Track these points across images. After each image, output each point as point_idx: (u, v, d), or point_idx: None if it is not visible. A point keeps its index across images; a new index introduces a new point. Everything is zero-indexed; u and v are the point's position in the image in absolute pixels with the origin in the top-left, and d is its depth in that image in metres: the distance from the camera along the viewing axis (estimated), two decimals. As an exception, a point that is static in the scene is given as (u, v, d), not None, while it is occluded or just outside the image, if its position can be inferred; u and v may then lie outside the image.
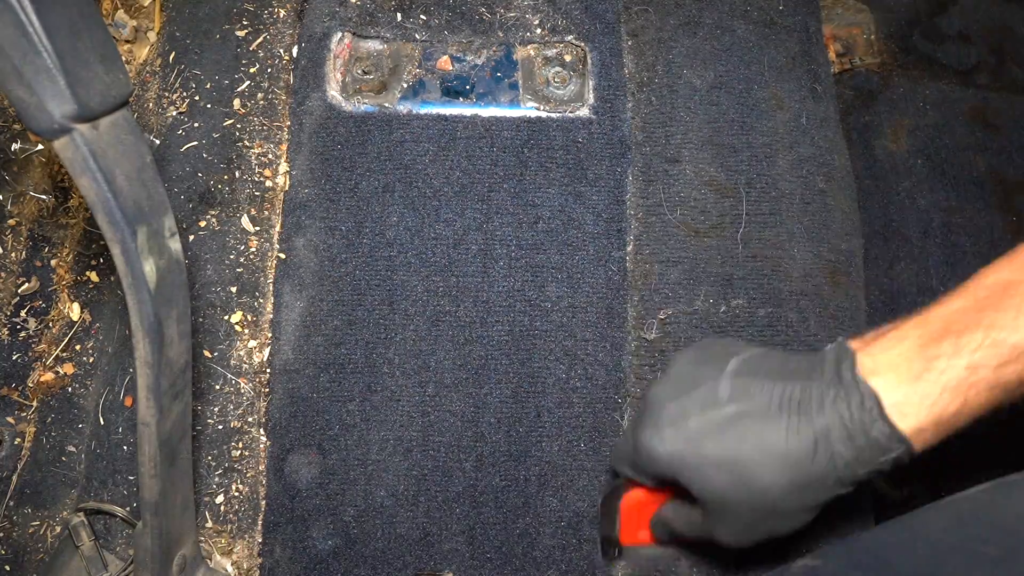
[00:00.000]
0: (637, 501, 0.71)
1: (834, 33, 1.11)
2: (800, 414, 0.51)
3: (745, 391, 0.54)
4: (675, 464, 0.56)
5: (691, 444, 0.55)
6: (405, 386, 0.84)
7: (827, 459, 0.50)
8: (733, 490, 0.53)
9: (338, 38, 0.96)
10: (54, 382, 0.86)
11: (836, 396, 0.50)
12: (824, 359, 0.53)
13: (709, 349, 0.60)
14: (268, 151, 0.92)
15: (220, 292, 0.86)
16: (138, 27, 0.99)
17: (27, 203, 0.94)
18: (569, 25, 0.97)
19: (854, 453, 0.49)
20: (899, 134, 1.05)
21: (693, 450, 0.54)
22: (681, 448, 0.55)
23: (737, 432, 0.53)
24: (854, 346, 0.52)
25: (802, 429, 0.50)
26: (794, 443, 0.50)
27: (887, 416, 0.48)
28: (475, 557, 0.80)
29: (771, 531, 0.56)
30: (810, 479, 0.51)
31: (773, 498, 0.52)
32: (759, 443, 0.52)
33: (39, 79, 0.43)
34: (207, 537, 0.79)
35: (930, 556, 0.48)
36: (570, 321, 0.86)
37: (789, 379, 0.53)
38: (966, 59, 1.11)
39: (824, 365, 0.52)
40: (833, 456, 0.50)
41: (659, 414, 0.57)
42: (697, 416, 0.55)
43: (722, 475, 0.53)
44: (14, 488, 0.83)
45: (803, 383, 0.52)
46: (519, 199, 0.90)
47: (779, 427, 0.51)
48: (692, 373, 0.58)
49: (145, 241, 0.50)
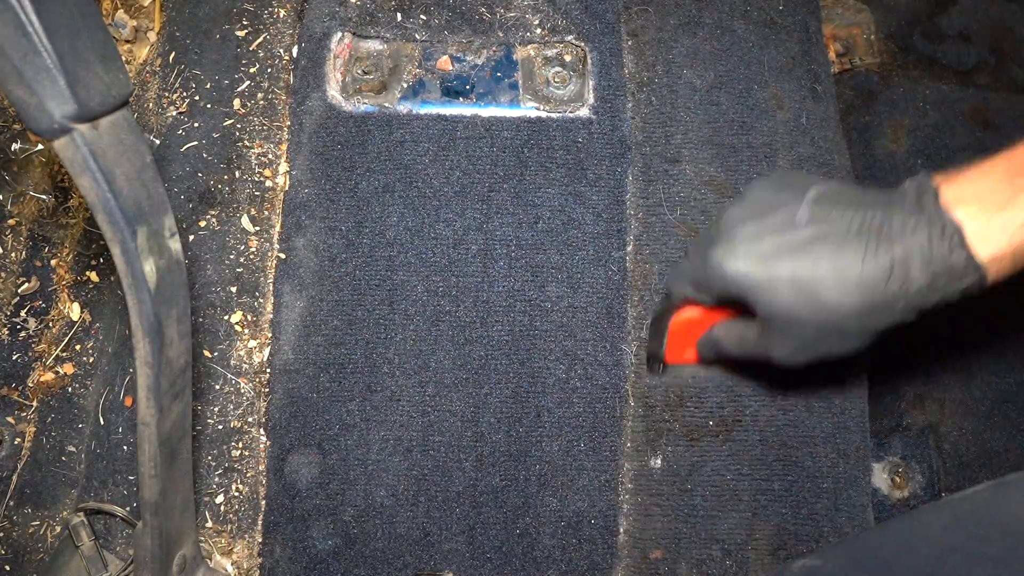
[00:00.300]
0: (688, 321, 0.73)
1: (834, 33, 1.11)
2: (879, 239, 0.51)
3: (824, 216, 0.54)
4: (746, 281, 0.56)
5: (765, 262, 0.55)
6: (405, 386, 0.84)
7: (900, 283, 0.50)
8: (802, 308, 0.53)
9: (338, 38, 0.96)
10: (54, 382, 0.86)
11: (917, 223, 0.50)
12: (905, 191, 0.53)
13: (787, 178, 0.60)
14: (268, 151, 0.92)
15: (220, 292, 0.86)
16: (138, 27, 0.99)
17: (27, 203, 0.94)
18: (569, 25, 0.97)
19: (929, 279, 0.50)
20: (899, 134, 1.05)
21: (766, 268, 0.55)
22: (754, 266, 0.55)
23: (813, 253, 0.53)
24: (937, 180, 0.52)
25: (880, 253, 0.51)
26: (870, 265, 0.51)
27: (967, 244, 0.48)
28: (475, 557, 0.80)
29: (828, 351, 0.56)
30: (880, 302, 0.51)
31: (840, 317, 0.52)
32: (835, 264, 0.52)
33: (39, 79, 0.43)
34: (207, 537, 0.79)
35: (930, 556, 0.47)
36: (570, 321, 0.86)
37: (870, 207, 0.53)
38: (966, 59, 1.11)
39: (906, 196, 0.52)
40: (907, 281, 0.50)
41: (733, 233, 0.57)
42: (773, 236, 0.55)
43: (793, 293, 0.53)
44: (14, 488, 0.83)
45: (884, 211, 0.52)
46: (519, 199, 0.90)
47: (857, 249, 0.52)
48: (770, 199, 0.58)
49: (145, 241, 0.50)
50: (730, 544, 0.80)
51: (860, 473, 0.83)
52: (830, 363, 0.58)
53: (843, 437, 0.84)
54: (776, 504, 0.82)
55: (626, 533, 0.81)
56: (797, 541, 0.81)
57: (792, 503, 0.82)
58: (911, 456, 0.92)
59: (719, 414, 0.84)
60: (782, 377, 0.82)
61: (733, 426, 0.83)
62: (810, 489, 0.82)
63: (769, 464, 0.83)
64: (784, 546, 0.81)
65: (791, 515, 0.81)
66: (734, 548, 0.80)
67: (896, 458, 0.92)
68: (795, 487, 0.82)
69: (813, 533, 0.81)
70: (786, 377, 0.80)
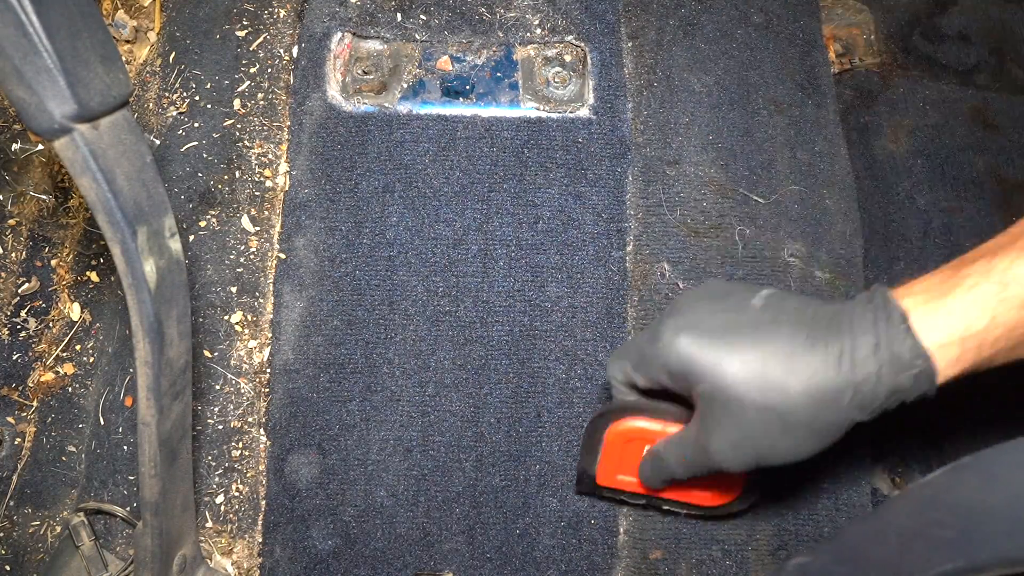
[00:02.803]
0: (626, 432, 0.65)
1: (834, 33, 1.11)
2: (829, 327, 0.51)
3: (778, 304, 0.54)
4: (693, 354, 0.54)
5: (715, 337, 0.54)
6: (405, 386, 0.84)
7: (849, 369, 0.50)
8: (746, 386, 0.52)
9: (338, 38, 0.96)
10: (54, 382, 0.86)
11: (865, 313, 0.50)
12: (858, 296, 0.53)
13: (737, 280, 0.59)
14: (268, 151, 0.92)
15: (220, 292, 0.86)
16: (138, 27, 0.99)
17: (27, 203, 0.94)
18: (569, 25, 0.97)
19: (876, 367, 0.49)
20: (899, 134, 1.05)
21: (715, 342, 0.54)
22: (703, 338, 0.54)
23: (765, 333, 0.52)
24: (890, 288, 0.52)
25: (830, 340, 0.50)
26: (820, 350, 0.50)
27: (913, 330, 0.48)
28: (475, 557, 0.80)
29: (772, 448, 0.54)
30: (829, 389, 0.50)
31: (785, 400, 0.51)
32: (784, 345, 0.51)
33: (39, 79, 0.43)
34: (207, 537, 0.79)
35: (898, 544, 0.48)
36: (570, 321, 0.86)
37: (823, 304, 0.54)
38: (966, 59, 1.11)
39: (858, 298, 0.53)
40: (855, 368, 0.49)
41: (686, 308, 0.57)
42: (727, 314, 0.55)
43: (738, 369, 0.52)
44: (14, 488, 0.83)
45: (837, 306, 0.53)
46: (519, 199, 0.90)
47: (808, 335, 0.51)
48: (726, 287, 0.58)
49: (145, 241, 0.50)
50: (730, 544, 0.80)
51: (860, 473, 0.83)
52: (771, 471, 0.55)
53: (843, 437, 0.84)
54: (776, 504, 0.82)
55: (626, 533, 0.81)
56: (797, 541, 0.81)
57: (792, 503, 0.82)
58: (911, 456, 0.92)
59: (719, 414, 0.84)
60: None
61: (733, 426, 0.83)
62: (810, 489, 0.82)
63: (769, 464, 0.83)
64: (784, 546, 0.80)
65: (791, 515, 0.81)
66: (734, 548, 0.80)
67: (896, 458, 0.92)
68: (795, 487, 0.82)
69: (813, 533, 0.81)
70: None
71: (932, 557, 0.45)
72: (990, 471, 0.44)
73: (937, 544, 0.45)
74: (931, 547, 0.45)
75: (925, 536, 0.46)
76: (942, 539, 0.45)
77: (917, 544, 0.46)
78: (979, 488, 0.44)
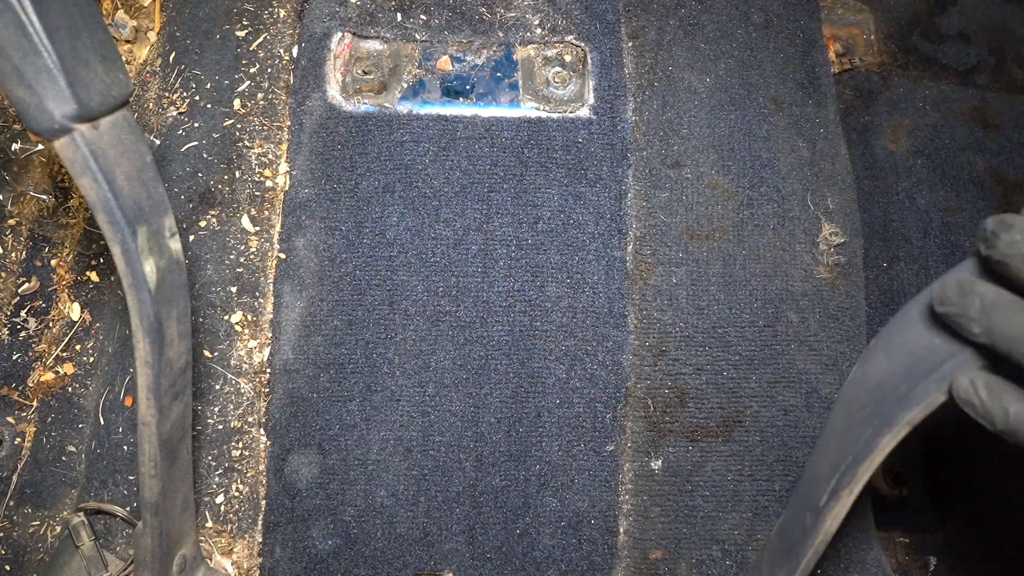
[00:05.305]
0: None
1: (834, 33, 1.11)
2: None
3: None
4: None
5: None
6: (405, 386, 0.84)
7: None
8: None
9: (338, 38, 0.96)
10: (54, 382, 0.86)
11: None
12: None
13: None
14: (268, 151, 0.92)
15: (220, 292, 0.86)
16: (138, 27, 0.99)
17: (27, 203, 0.94)
18: (569, 25, 0.97)
19: None
20: (899, 134, 1.05)
21: None
22: None
23: None
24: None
25: None
26: None
27: None
28: (475, 557, 0.80)
29: None
30: None
31: None
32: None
33: (39, 79, 0.43)
34: (207, 537, 0.79)
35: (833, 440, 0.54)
36: (570, 321, 0.86)
37: None
38: (966, 59, 1.11)
39: None
40: None
41: None
42: None
43: None
44: (14, 488, 0.83)
45: None
46: (519, 199, 0.90)
47: None
48: None
49: (145, 241, 0.50)
50: (730, 544, 0.80)
51: (860, 473, 0.83)
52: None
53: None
54: (776, 504, 0.82)
55: (626, 534, 0.81)
56: (797, 541, 0.81)
57: (792, 503, 0.82)
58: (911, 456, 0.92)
59: (720, 415, 0.84)
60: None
61: (734, 427, 0.83)
62: (810, 489, 0.82)
63: (770, 464, 0.83)
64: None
65: (791, 515, 0.81)
66: (734, 548, 0.80)
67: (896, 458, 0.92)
68: (795, 487, 0.82)
69: (813, 533, 0.81)
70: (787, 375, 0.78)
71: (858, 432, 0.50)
72: (888, 343, 0.49)
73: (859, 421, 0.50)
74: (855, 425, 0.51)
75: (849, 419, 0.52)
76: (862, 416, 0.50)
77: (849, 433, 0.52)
78: (883, 362, 0.50)
